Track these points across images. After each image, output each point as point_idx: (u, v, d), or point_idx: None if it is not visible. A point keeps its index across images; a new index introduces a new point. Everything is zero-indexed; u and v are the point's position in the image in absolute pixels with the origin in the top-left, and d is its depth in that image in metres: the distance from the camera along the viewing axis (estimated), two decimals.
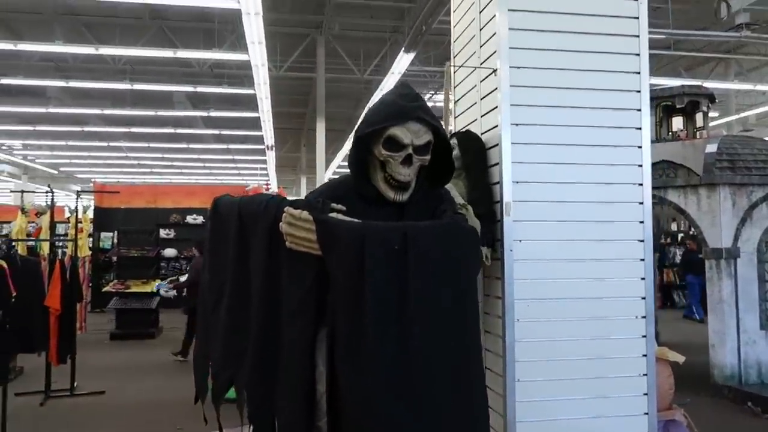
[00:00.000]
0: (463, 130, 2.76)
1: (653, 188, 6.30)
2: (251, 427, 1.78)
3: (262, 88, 11.33)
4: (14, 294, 4.05)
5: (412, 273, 1.58)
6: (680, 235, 13.05)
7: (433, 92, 14.84)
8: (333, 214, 1.69)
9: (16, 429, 4.47)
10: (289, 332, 1.68)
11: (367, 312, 1.54)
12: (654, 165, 6.46)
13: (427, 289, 1.59)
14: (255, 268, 1.79)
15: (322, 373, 1.66)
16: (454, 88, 3.06)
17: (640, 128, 2.51)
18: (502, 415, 2.37)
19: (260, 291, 1.76)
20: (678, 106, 6.98)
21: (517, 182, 2.40)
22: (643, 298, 2.49)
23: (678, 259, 12.68)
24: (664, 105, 7.09)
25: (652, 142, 6.71)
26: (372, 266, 1.56)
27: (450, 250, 1.65)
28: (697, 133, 7.01)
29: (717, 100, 8.12)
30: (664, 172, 6.36)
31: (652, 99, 6.95)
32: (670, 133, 7.10)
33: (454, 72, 3.02)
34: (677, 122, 7.12)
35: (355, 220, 1.68)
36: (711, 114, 16.03)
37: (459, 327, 1.62)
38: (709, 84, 12.48)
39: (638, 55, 2.52)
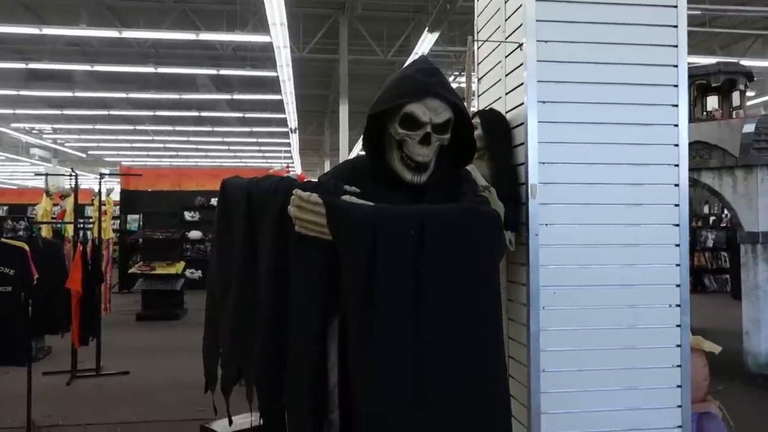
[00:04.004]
0: (487, 108, 2.63)
1: None
2: (260, 417, 1.71)
3: (284, 70, 11.23)
4: (36, 276, 4.06)
5: (428, 260, 1.47)
6: (712, 218, 12.76)
7: (457, 73, 14.57)
8: (346, 197, 1.59)
9: (42, 408, 4.51)
10: (299, 321, 1.59)
11: (379, 301, 1.44)
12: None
13: (444, 278, 1.48)
14: (264, 253, 1.71)
15: (334, 363, 1.58)
16: (478, 65, 2.92)
17: (676, 105, 2.34)
18: (526, 406, 2.27)
19: (269, 278, 1.67)
20: (714, 85, 6.66)
21: (544, 163, 2.26)
22: (678, 286, 2.34)
23: (710, 243, 12.38)
24: (698, 83, 6.78)
25: None
26: (385, 253, 1.46)
27: (469, 237, 1.53)
28: (734, 112, 6.70)
29: (755, 78, 7.77)
30: (698, 153, 6.10)
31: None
32: (705, 113, 6.80)
33: (478, 48, 2.88)
34: (712, 101, 6.80)
35: (368, 202, 1.57)
36: (748, 93, 15.50)
37: (477, 317, 1.51)
38: (746, 62, 12.01)
39: (676, 27, 2.34)
